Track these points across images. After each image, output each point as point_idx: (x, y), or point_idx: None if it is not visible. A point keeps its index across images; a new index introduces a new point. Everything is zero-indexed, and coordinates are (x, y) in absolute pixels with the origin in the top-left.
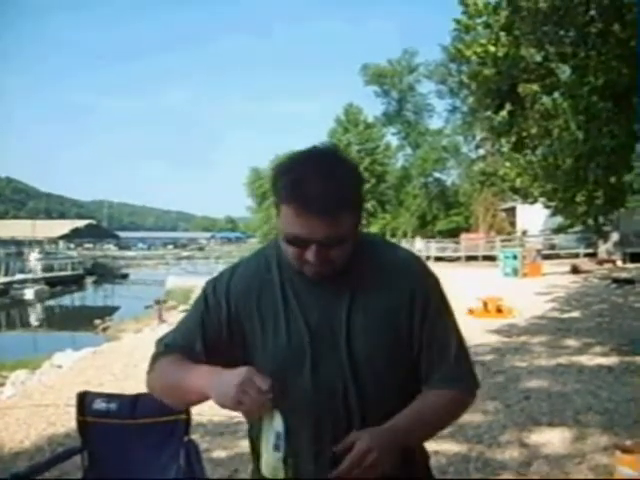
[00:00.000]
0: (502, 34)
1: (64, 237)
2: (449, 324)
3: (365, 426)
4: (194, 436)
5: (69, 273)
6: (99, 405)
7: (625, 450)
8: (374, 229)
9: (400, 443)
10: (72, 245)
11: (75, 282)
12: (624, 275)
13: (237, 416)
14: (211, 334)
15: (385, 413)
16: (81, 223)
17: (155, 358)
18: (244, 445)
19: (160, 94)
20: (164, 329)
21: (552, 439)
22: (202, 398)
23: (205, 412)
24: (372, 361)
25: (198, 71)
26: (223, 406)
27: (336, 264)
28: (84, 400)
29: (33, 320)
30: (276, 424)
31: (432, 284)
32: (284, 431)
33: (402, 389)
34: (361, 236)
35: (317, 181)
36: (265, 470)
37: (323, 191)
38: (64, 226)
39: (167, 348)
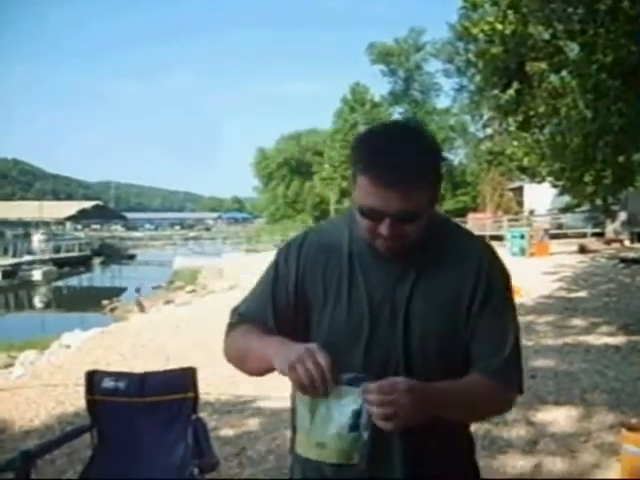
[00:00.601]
0: (509, 11)
1: (71, 218)
2: (509, 320)
3: None
4: (202, 414)
5: (76, 254)
6: (107, 384)
7: (631, 428)
8: None
9: (430, 404)
10: (79, 226)
11: (82, 263)
12: (632, 255)
13: (244, 395)
14: (280, 303)
15: None
16: (88, 204)
17: (230, 327)
18: (251, 423)
19: (166, 79)
20: (169, 308)
21: (558, 417)
22: (270, 367)
23: (212, 391)
24: (425, 346)
25: (203, 56)
26: (281, 372)
27: (409, 240)
28: (93, 379)
29: (41, 301)
30: (351, 402)
31: (498, 275)
32: (365, 410)
33: (452, 375)
34: (437, 217)
35: (396, 153)
36: (329, 455)
37: (401, 163)
38: (71, 207)
39: (241, 317)
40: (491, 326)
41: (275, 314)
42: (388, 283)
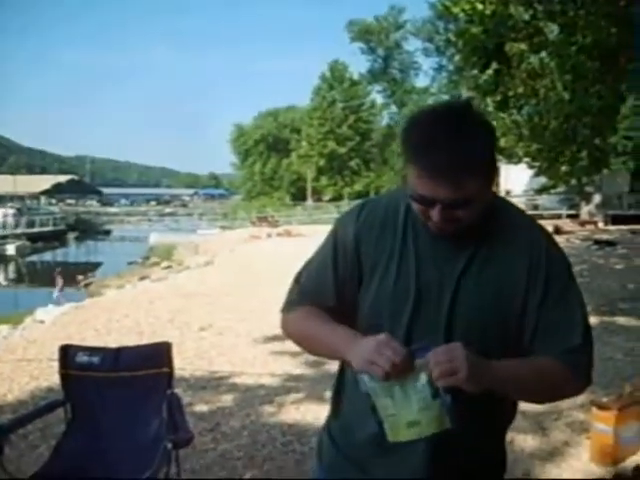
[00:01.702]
0: None
1: (46, 192)
2: (576, 305)
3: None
4: (177, 390)
5: (51, 229)
6: (82, 358)
7: (601, 407)
8: (358, 187)
9: (487, 375)
10: (54, 201)
11: (57, 238)
12: (605, 237)
13: (219, 371)
14: (339, 270)
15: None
16: (63, 178)
17: (290, 304)
18: (225, 399)
19: (144, 53)
20: (144, 284)
21: None
22: (337, 357)
23: (187, 367)
24: (470, 331)
25: (180, 29)
26: (360, 369)
27: (461, 224)
28: (67, 353)
29: (14, 276)
30: (426, 372)
31: (558, 260)
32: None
33: (487, 353)
34: (498, 202)
35: (444, 144)
36: (425, 430)
37: (450, 155)
38: (46, 181)
39: (301, 294)
40: (557, 316)
41: (335, 282)
42: (439, 261)
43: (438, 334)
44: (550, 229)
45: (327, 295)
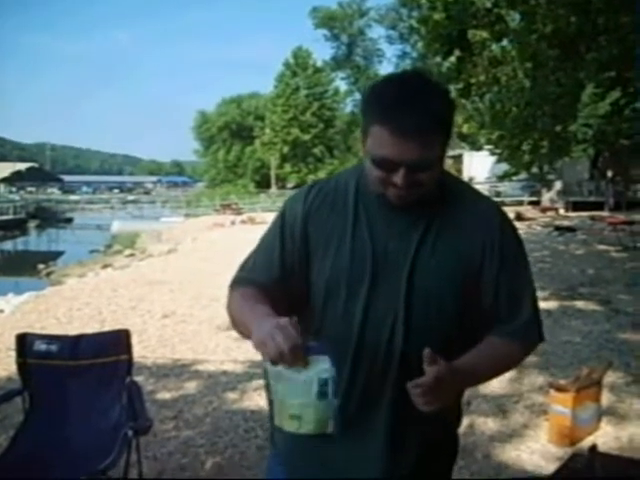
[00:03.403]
0: None
1: (5, 180)
2: (525, 277)
3: (403, 368)
4: (139, 378)
5: (10, 217)
6: (39, 347)
7: (559, 389)
8: (321, 174)
9: (459, 386)
10: (14, 189)
11: (17, 226)
12: (566, 223)
13: (181, 358)
14: (287, 249)
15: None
16: (23, 166)
17: (233, 284)
18: (188, 387)
19: (103, 37)
20: (106, 273)
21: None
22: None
23: (149, 355)
24: (428, 300)
25: (143, 13)
26: (255, 346)
27: (422, 189)
28: (24, 342)
29: None
30: (320, 371)
31: (512, 235)
32: (332, 377)
33: (448, 337)
34: (448, 176)
35: (412, 105)
36: (304, 426)
37: (420, 112)
38: (5, 169)
39: (245, 273)
40: (510, 287)
41: (282, 261)
42: (394, 234)
43: (397, 304)
44: (512, 215)
45: (273, 276)
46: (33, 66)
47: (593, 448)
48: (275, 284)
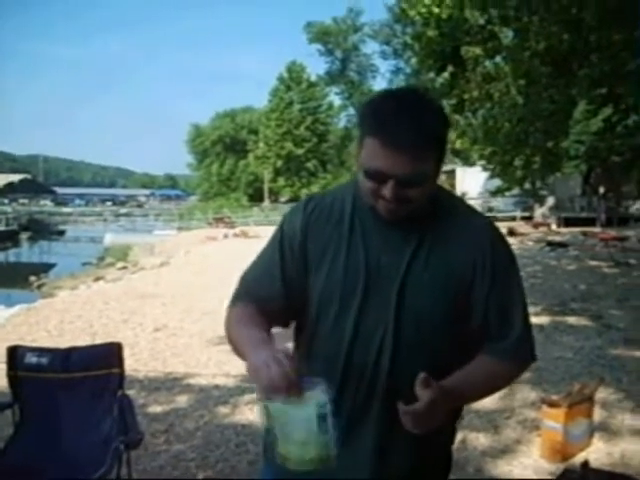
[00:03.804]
0: None
1: None
2: (517, 295)
3: (391, 384)
4: (130, 392)
5: (2, 229)
6: (30, 359)
7: (551, 404)
8: (315, 189)
9: (450, 406)
10: (6, 200)
11: (9, 238)
12: (558, 239)
13: (173, 372)
14: (287, 262)
15: (414, 374)
16: (15, 177)
17: (233, 300)
18: (180, 400)
19: (98, 46)
20: (98, 285)
21: None
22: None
23: (141, 368)
24: (418, 316)
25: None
26: (249, 375)
27: (411, 205)
28: (15, 354)
29: None
30: (318, 405)
31: (504, 252)
32: (330, 411)
33: (438, 352)
34: (441, 191)
35: (408, 115)
36: (299, 461)
37: (413, 126)
38: None
39: (243, 293)
40: (499, 305)
41: (283, 276)
42: (387, 248)
43: (388, 319)
44: (504, 231)
45: (274, 290)
46: (26, 73)
47: (585, 464)
48: (276, 299)
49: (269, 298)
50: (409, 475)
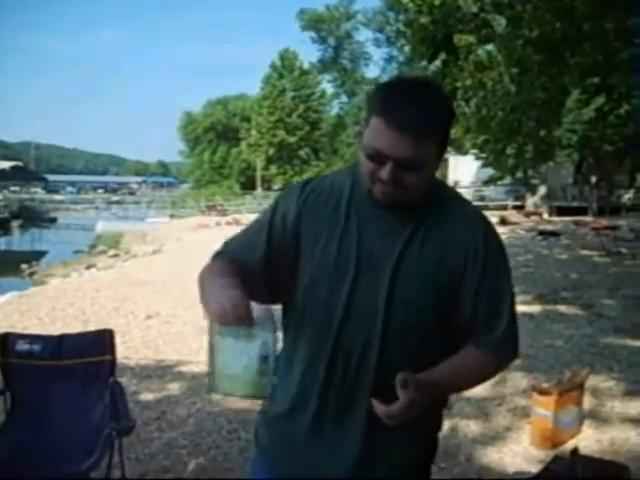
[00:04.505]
0: None
1: None
2: (506, 289)
3: (380, 366)
4: (122, 379)
5: None
6: (22, 346)
7: (541, 392)
8: (307, 176)
9: (434, 398)
10: None
11: (0, 226)
12: (550, 228)
13: (165, 359)
14: (275, 238)
15: (402, 360)
16: (6, 164)
17: (213, 257)
18: (171, 388)
19: (92, 35)
20: (90, 273)
21: None
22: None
23: (133, 356)
24: (408, 302)
25: (129, 13)
26: (203, 306)
27: (408, 192)
28: (6, 341)
29: None
30: (262, 335)
31: (496, 246)
32: (273, 341)
33: (427, 338)
34: (438, 183)
35: (414, 100)
36: (241, 388)
37: (419, 110)
38: None
39: (222, 253)
40: (487, 299)
41: (267, 245)
42: (381, 235)
43: (378, 303)
44: (496, 220)
45: (254, 258)
46: (19, 66)
47: (574, 451)
48: (254, 266)
49: (247, 264)
50: (396, 459)
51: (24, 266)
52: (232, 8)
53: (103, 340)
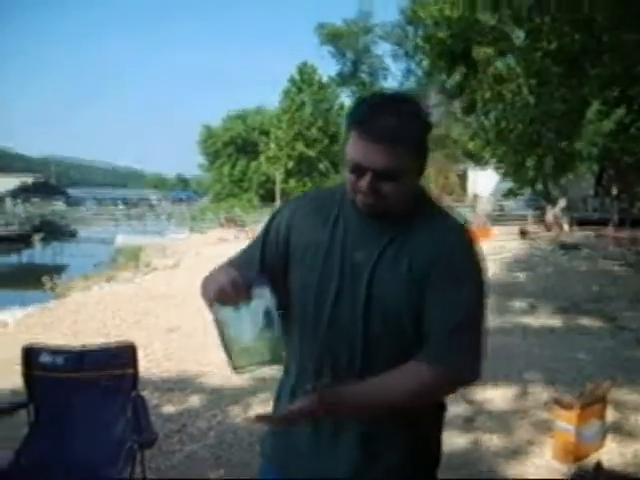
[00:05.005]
0: None
1: (11, 193)
2: (463, 302)
3: (364, 370)
4: (143, 392)
5: (15, 230)
6: (45, 359)
7: (563, 405)
8: None
9: (348, 412)
10: (19, 202)
11: (22, 239)
12: (570, 240)
13: (186, 372)
14: (268, 252)
15: (385, 364)
16: (28, 179)
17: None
18: (192, 401)
19: (101, 51)
20: (110, 286)
21: (495, 396)
22: None
23: (154, 369)
24: (385, 308)
25: (144, 22)
26: (201, 292)
27: (387, 201)
28: (30, 354)
29: None
30: (262, 302)
31: (462, 260)
32: (275, 306)
33: (407, 343)
34: (424, 195)
35: (387, 112)
36: (256, 357)
37: (390, 121)
38: (11, 182)
39: (229, 260)
40: (440, 306)
41: (261, 263)
42: (363, 242)
43: (357, 311)
44: (516, 232)
45: (253, 269)
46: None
47: (598, 465)
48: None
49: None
50: (394, 461)
51: (45, 279)
52: (251, 23)
53: (125, 353)
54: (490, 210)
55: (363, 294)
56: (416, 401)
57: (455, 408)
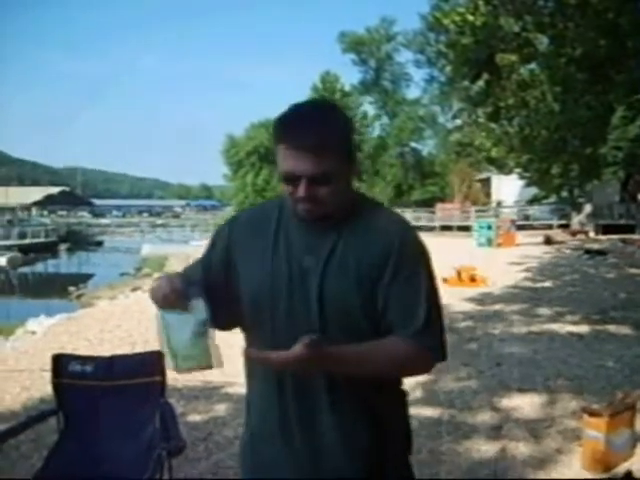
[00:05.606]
0: (481, 3)
1: (37, 204)
2: (422, 288)
3: (328, 381)
4: (170, 400)
5: (42, 240)
6: (74, 367)
7: (592, 414)
8: None
9: (334, 365)
10: (45, 212)
11: (49, 249)
12: (596, 246)
13: (212, 381)
14: (211, 266)
15: None
16: (55, 190)
17: None
18: (218, 409)
19: (131, 60)
20: (136, 295)
21: (523, 404)
22: None
23: (180, 377)
24: (339, 310)
25: (170, 34)
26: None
27: (325, 205)
28: (59, 362)
29: (6, 287)
30: (197, 312)
31: (411, 247)
32: (208, 317)
33: (363, 338)
34: (363, 198)
35: (304, 120)
36: (185, 362)
37: (307, 129)
38: (37, 193)
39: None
40: (404, 294)
41: (205, 273)
42: (308, 248)
43: (312, 312)
44: (541, 239)
45: (197, 279)
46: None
47: (628, 474)
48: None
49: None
50: (365, 450)
51: (72, 288)
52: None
53: (153, 361)
54: (515, 218)
55: (315, 295)
56: (397, 371)
57: (482, 416)
